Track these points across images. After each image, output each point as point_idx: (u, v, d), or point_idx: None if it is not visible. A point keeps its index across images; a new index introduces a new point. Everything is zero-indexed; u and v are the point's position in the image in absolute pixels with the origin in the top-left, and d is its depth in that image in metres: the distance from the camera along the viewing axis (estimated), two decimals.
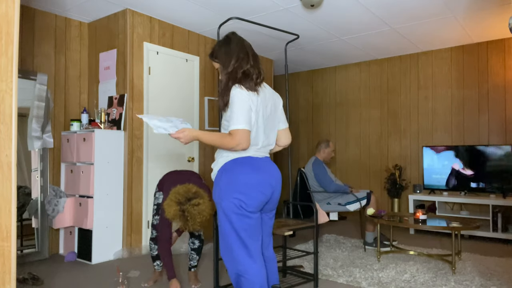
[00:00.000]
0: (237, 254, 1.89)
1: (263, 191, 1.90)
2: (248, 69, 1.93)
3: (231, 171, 1.90)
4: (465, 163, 4.88)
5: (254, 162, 1.92)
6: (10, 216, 0.98)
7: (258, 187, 1.89)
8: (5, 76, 0.98)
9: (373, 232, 4.14)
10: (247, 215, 1.87)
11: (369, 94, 6.00)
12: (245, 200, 1.85)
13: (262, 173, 1.92)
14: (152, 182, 4.16)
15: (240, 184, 1.86)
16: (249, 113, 1.85)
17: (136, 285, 3.01)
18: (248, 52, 1.98)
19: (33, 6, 3.84)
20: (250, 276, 1.87)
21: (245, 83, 1.90)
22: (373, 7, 3.90)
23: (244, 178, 1.87)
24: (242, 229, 1.88)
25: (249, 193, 1.86)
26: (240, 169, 1.89)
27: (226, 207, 1.87)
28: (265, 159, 2.00)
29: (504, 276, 3.17)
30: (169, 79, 4.37)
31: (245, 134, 1.83)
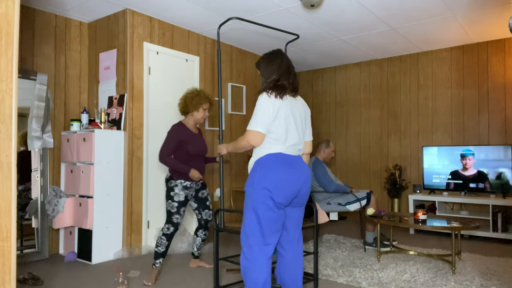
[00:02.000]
0: (252, 243, 2.07)
1: (292, 186, 2.08)
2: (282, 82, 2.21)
3: (265, 164, 2.10)
4: (465, 163, 4.88)
5: (285, 158, 2.11)
6: (10, 216, 0.98)
7: (288, 181, 2.07)
8: (5, 76, 0.98)
9: (373, 232, 4.14)
10: (272, 208, 2.05)
11: (369, 94, 6.00)
12: (275, 192, 2.04)
13: (292, 169, 2.10)
14: (152, 182, 4.16)
15: (272, 177, 2.05)
16: (265, 118, 2.11)
17: (136, 285, 3.01)
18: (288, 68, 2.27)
19: (33, 6, 3.84)
20: (257, 269, 2.04)
21: (275, 91, 2.17)
22: (373, 7, 3.90)
23: (276, 172, 2.06)
24: (264, 221, 2.05)
25: (280, 186, 2.04)
26: (273, 164, 2.08)
27: (256, 196, 2.06)
28: (296, 157, 2.19)
29: (504, 276, 3.17)
30: (169, 79, 4.37)
31: (255, 135, 2.13)
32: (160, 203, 4.24)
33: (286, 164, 2.10)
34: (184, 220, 4.50)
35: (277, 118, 2.12)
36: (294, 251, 2.25)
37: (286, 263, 2.23)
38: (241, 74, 5.37)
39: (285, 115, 2.15)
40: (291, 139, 2.16)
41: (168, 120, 4.35)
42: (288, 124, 2.16)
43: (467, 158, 4.87)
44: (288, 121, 2.16)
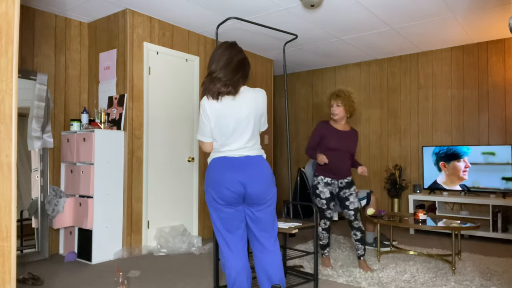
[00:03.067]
0: (219, 241, 2.21)
1: (229, 187, 2.08)
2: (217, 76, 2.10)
3: (209, 168, 2.18)
4: (465, 163, 4.88)
5: (226, 161, 2.12)
6: (10, 216, 0.98)
7: (224, 183, 2.08)
8: (5, 76, 0.98)
9: (373, 232, 4.14)
10: (219, 207, 2.14)
11: (369, 94, 6.00)
12: (214, 194, 2.12)
13: (230, 171, 2.10)
14: (152, 182, 4.16)
15: (211, 180, 2.13)
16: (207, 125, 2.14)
17: (136, 285, 3.01)
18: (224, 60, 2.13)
19: (33, 6, 3.84)
20: (226, 263, 2.17)
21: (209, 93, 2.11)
22: (373, 7, 3.90)
23: (213, 174, 2.13)
24: (217, 220, 2.17)
25: (216, 188, 2.10)
26: (213, 167, 2.15)
27: (206, 199, 2.20)
28: (244, 158, 2.13)
29: (504, 276, 3.17)
30: (169, 79, 4.37)
31: (205, 145, 2.22)
32: (160, 203, 4.24)
33: (225, 166, 2.11)
34: (184, 220, 4.50)
35: (216, 125, 2.11)
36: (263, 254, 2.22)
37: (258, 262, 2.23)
38: None
39: (225, 123, 2.09)
40: (234, 143, 2.13)
41: (168, 120, 4.35)
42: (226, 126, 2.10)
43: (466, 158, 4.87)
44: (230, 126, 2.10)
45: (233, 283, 2.15)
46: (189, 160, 4.53)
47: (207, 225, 4.76)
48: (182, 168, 4.49)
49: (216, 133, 2.14)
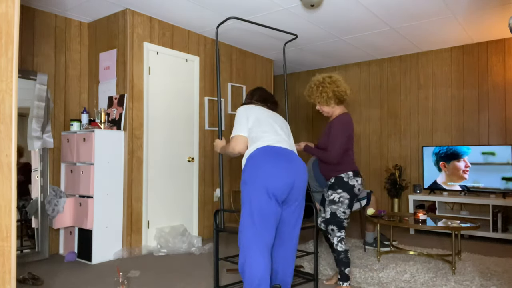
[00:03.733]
0: (248, 239, 2.06)
1: (283, 175, 2.08)
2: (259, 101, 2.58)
3: (256, 158, 2.13)
4: (465, 163, 4.88)
5: (274, 149, 2.15)
6: (10, 216, 0.98)
7: (280, 170, 2.08)
8: (5, 76, 0.98)
9: (373, 232, 4.14)
10: (267, 200, 2.05)
11: (369, 94, 6.00)
12: (268, 182, 2.05)
13: (283, 159, 2.12)
14: (152, 182, 4.16)
15: (264, 169, 2.08)
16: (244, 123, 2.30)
17: (136, 285, 3.01)
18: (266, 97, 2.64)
19: (33, 6, 3.84)
20: (253, 264, 2.02)
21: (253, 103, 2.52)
22: (373, 7, 3.90)
23: (267, 162, 2.10)
24: (259, 215, 2.05)
25: (271, 175, 2.06)
26: (262, 155, 2.12)
27: (250, 191, 2.08)
28: (288, 150, 2.24)
29: (504, 276, 3.17)
30: (169, 79, 4.37)
31: (238, 139, 2.29)
32: (160, 203, 4.24)
33: (276, 154, 2.14)
34: (184, 220, 4.50)
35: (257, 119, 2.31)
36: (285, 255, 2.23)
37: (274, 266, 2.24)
38: (241, 74, 5.37)
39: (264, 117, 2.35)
40: (277, 135, 2.28)
41: (168, 120, 4.35)
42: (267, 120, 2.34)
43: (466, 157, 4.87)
44: (266, 119, 2.34)
45: (258, 284, 2.01)
46: (189, 160, 4.53)
47: (207, 225, 4.76)
48: (182, 168, 4.49)
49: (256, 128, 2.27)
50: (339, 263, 2.71)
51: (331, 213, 2.75)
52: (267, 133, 2.24)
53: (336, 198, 2.75)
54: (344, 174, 2.78)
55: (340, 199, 2.74)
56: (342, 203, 2.74)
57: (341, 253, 2.70)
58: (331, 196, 2.78)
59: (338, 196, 2.75)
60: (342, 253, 2.70)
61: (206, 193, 4.74)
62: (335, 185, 2.78)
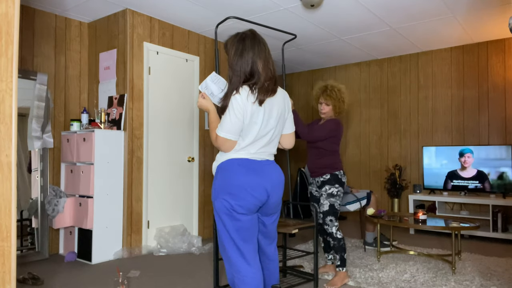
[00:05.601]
0: (231, 255, 1.90)
1: (254, 195, 1.86)
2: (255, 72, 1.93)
3: (226, 170, 1.90)
4: (465, 162, 4.88)
5: (250, 165, 1.90)
6: (10, 216, 0.98)
7: (249, 190, 1.85)
8: (5, 76, 0.98)
9: (373, 232, 4.14)
10: (237, 217, 1.86)
11: (369, 94, 6.00)
12: (234, 202, 1.84)
13: (256, 176, 1.88)
14: (152, 182, 4.16)
15: (230, 186, 1.85)
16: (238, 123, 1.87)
17: (136, 285, 3.01)
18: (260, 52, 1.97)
19: (33, 6, 3.84)
20: (244, 278, 1.87)
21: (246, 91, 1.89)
22: (373, 7, 3.90)
23: (236, 179, 1.86)
24: (233, 230, 1.88)
25: (239, 195, 1.84)
26: (233, 170, 1.88)
27: (218, 207, 1.88)
28: (266, 162, 1.96)
29: (504, 276, 3.17)
30: (169, 79, 4.37)
31: (226, 142, 1.88)
32: (160, 203, 4.24)
33: (249, 171, 1.88)
34: (184, 220, 4.50)
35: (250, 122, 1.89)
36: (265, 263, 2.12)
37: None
38: None
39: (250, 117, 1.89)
40: (258, 145, 1.93)
41: (168, 120, 4.35)
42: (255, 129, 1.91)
43: (466, 155, 4.86)
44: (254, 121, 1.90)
45: None
46: (189, 160, 4.53)
47: (207, 225, 4.76)
48: (182, 168, 4.49)
49: (245, 132, 1.90)
50: (338, 249, 3.00)
51: (330, 205, 3.04)
52: (246, 143, 1.91)
53: (334, 192, 3.06)
54: (338, 172, 3.10)
55: (338, 193, 3.07)
56: (339, 196, 3.08)
57: (340, 240, 3.01)
58: (329, 190, 3.06)
59: (336, 190, 3.06)
60: (341, 239, 3.01)
61: (206, 193, 4.74)
62: (332, 180, 3.07)
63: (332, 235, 3.01)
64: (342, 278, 2.99)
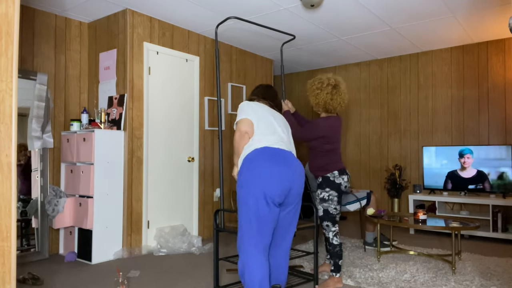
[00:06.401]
0: (246, 243, 2.03)
1: (282, 179, 2.04)
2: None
3: (253, 160, 2.07)
4: (465, 163, 4.88)
5: (272, 151, 2.09)
6: (10, 216, 0.98)
7: (277, 174, 2.03)
8: (5, 76, 0.98)
9: (373, 232, 4.14)
10: (264, 204, 2.01)
11: (369, 94, 6.00)
12: (265, 186, 2.01)
13: (281, 162, 2.07)
14: (152, 182, 4.16)
15: (260, 171, 2.03)
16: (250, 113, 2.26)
17: (136, 285, 3.01)
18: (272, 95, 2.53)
19: (33, 6, 3.84)
20: (253, 267, 2.00)
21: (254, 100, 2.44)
22: (373, 7, 3.90)
23: (264, 165, 2.04)
24: (255, 218, 2.02)
25: (269, 178, 2.01)
26: (260, 159, 2.06)
27: (247, 194, 2.03)
28: (287, 151, 2.18)
29: (504, 276, 3.17)
30: (169, 79, 4.37)
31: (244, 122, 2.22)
32: (160, 203, 4.24)
33: (274, 157, 2.09)
34: (184, 220, 4.50)
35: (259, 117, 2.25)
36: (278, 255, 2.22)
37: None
38: (241, 74, 5.37)
39: (265, 114, 2.29)
40: (276, 135, 2.22)
41: (168, 120, 4.35)
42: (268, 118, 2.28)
43: (466, 156, 4.86)
44: (269, 119, 2.28)
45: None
46: (189, 160, 4.53)
47: (207, 225, 4.76)
48: (182, 168, 4.49)
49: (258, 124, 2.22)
50: (334, 255, 2.92)
51: (324, 210, 2.95)
52: (265, 133, 2.19)
53: (325, 196, 2.95)
54: (330, 174, 2.96)
55: (329, 197, 2.94)
56: (332, 200, 2.94)
57: (336, 246, 2.91)
58: (321, 195, 2.97)
59: (327, 194, 2.94)
60: (337, 246, 2.92)
61: (206, 193, 4.74)
62: (323, 184, 2.97)
63: (328, 240, 2.95)
64: (334, 282, 2.93)
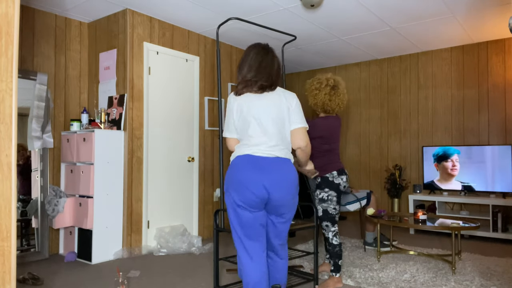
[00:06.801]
0: (237, 247, 2.06)
1: (252, 190, 1.94)
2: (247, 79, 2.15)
3: (232, 167, 2.04)
4: (465, 163, 4.88)
5: (251, 160, 1.99)
6: (10, 216, 0.98)
7: (247, 185, 1.95)
8: (5, 76, 0.97)
9: (373, 232, 4.14)
10: (240, 211, 1.98)
11: (369, 94, 6.00)
12: (235, 196, 1.97)
13: (255, 172, 1.95)
14: (152, 182, 4.16)
15: (233, 180, 1.99)
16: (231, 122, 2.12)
17: (136, 285, 3.01)
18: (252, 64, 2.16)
19: (33, 6, 3.84)
20: (246, 271, 2.01)
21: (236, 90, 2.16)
22: (373, 7, 3.89)
23: (235, 174, 1.99)
24: (237, 224, 2.01)
25: (239, 189, 1.96)
26: (236, 166, 2.01)
27: (226, 201, 2.05)
28: (270, 159, 2.00)
29: (504, 276, 3.17)
30: (169, 79, 4.37)
31: (228, 142, 2.16)
32: (160, 203, 4.24)
33: (250, 166, 1.96)
34: (184, 220, 4.50)
35: (239, 117, 2.08)
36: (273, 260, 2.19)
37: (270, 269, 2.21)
38: None
39: (247, 112, 2.05)
40: (253, 139, 2.02)
41: (168, 120, 4.35)
42: (249, 122, 2.04)
43: (453, 158, 4.86)
44: (251, 118, 2.04)
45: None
46: (189, 160, 4.53)
47: (207, 225, 4.76)
48: (182, 168, 4.49)
49: (239, 128, 2.09)
50: (333, 255, 2.94)
51: (323, 210, 2.97)
52: (248, 137, 2.04)
53: (324, 197, 2.96)
54: (328, 174, 2.97)
55: (328, 197, 2.96)
56: (331, 200, 2.96)
57: (336, 246, 2.93)
58: (320, 195, 2.99)
59: (326, 194, 2.96)
60: (337, 246, 2.94)
61: (206, 193, 4.74)
62: (322, 184, 2.98)
63: (328, 240, 2.97)
64: (334, 282, 2.94)
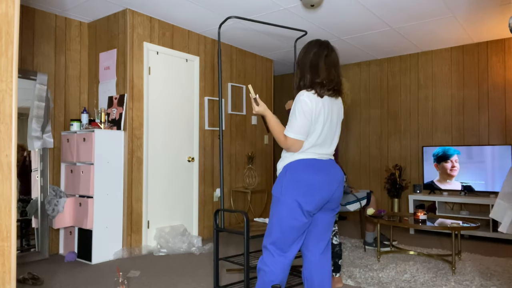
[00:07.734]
0: (272, 248, 1.99)
1: (322, 193, 1.96)
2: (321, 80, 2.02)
3: (295, 170, 1.97)
4: (465, 163, 4.88)
5: (317, 164, 1.99)
6: (10, 216, 0.98)
7: (319, 188, 1.95)
8: (5, 76, 0.97)
9: (373, 232, 4.14)
10: (299, 216, 1.94)
11: (369, 94, 6.00)
12: (304, 201, 1.93)
13: (324, 175, 1.98)
14: (152, 182, 4.16)
15: (302, 185, 1.93)
16: (306, 123, 1.96)
17: (136, 285, 3.01)
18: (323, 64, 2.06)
19: (33, 6, 3.84)
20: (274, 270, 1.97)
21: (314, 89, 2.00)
22: (373, 7, 3.89)
23: (307, 178, 1.94)
24: (288, 228, 1.95)
25: (309, 193, 1.93)
26: (303, 170, 1.96)
27: (283, 203, 1.95)
28: (329, 161, 2.06)
29: (504, 276, 3.17)
30: (169, 79, 4.37)
31: (296, 143, 1.98)
32: (160, 203, 4.24)
33: (318, 170, 1.97)
34: (184, 220, 4.50)
35: (318, 120, 1.98)
36: (321, 255, 2.15)
37: (312, 267, 2.14)
38: (241, 74, 5.37)
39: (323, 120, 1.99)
40: (326, 146, 2.04)
41: (168, 120, 4.35)
42: (323, 130, 2.01)
43: (453, 159, 4.86)
44: (323, 127, 2.01)
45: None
46: (189, 160, 4.53)
47: (207, 225, 4.76)
48: (182, 168, 4.49)
49: (314, 131, 1.99)
50: (333, 255, 2.94)
51: None
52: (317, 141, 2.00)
53: None
54: None
55: None
56: None
57: (336, 246, 2.95)
58: None
59: None
60: (336, 246, 2.95)
61: (206, 193, 4.74)
62: None
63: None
64: (334, 282, 2.95)
